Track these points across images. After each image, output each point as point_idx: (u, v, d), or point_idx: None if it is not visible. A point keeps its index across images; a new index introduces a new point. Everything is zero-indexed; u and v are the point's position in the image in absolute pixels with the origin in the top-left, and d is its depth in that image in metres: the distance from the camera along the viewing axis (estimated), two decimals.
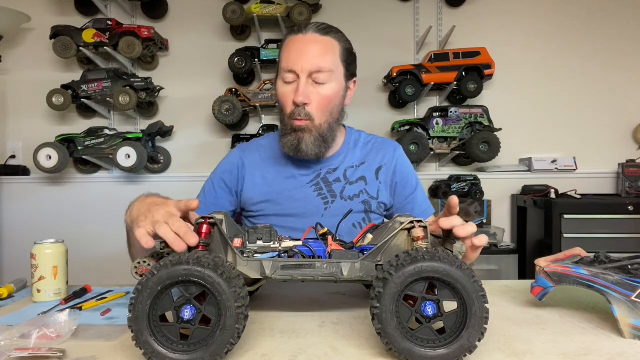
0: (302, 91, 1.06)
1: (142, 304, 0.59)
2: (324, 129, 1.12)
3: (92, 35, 2.57)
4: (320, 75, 1.07)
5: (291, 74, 1.08)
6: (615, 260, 0.81)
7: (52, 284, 0.95)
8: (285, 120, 1.12)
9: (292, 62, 1.08)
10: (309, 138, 1.10)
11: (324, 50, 1.09)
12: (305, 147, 1.10)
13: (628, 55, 2.87)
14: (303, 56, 1.07)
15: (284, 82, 1.10)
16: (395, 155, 1.25)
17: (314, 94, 1.08)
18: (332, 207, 1.18)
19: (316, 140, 1.11)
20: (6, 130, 2.87)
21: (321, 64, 1.07)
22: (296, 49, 1.09)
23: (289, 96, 1.09)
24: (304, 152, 1.11)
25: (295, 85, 1.08)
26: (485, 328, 0.59)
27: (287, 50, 1.11)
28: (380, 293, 0.60)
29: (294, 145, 1.11)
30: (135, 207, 0.88)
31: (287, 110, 1.11)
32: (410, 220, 0.71)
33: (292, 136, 1.11)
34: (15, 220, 2.85)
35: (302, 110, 1.08)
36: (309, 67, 1.06)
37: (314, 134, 1.11)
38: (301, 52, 1.08)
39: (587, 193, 2.70)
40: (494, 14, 2.90)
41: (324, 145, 1.13)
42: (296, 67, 1.07)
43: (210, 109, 2.64)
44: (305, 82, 1.07)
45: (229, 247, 0.71)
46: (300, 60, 1.07)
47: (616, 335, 0.72)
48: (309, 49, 1.08)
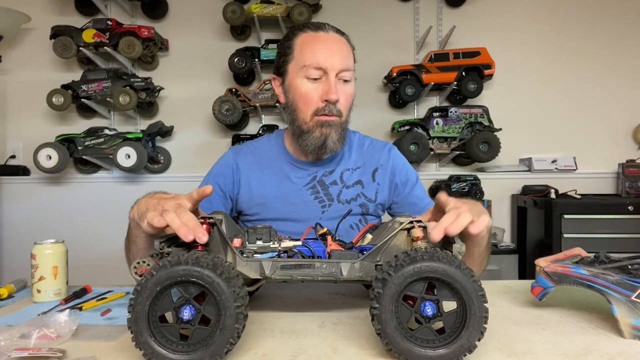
0: (335, 88, 1.06)
1: (141, 304, 0.59)
2: (345, 126, 1.14)
3: (92, 35, 2.57)
4: (347, 73, 1.09)
5: (319, 71, 1.07)
6: (615, 260, 0.81)
7: (52, 284, 0.95)
8: (307, 118, 1.10)
9: (322, 58, 1.07)
10: (335, 134, 1.10)
11: (348, 50, 1.12)
12: (331, 142, 1.10)
13: (628, 55, 2.87)
14: (334, 54, 1.07)
15: (309, 79, 1.08)
16: (391, 156, 1.24)
17: (341, 92, 1.09)
18: (329, 211, 1.17)
19: (340, 136, 1.12)
20: (6, 130, 2.87)
21: (348, 62, 1.09)
22: (323, 47, 1.08)
23: (316, 93, 1.08)
24: (329, 148, 1.11)
25: (322, 82, 1.08)
26: (484, 327, 0.59)
27: (311, 46, 1.09)
28: (379, 293, 0.60)
29: (320, 142, 1.10)
30: (143, 202, 0.87)
31: (312, 107, 1.09)
32: (409, 220, 0.71)
33: (318, 132, 1.09)
34: (15, 220, 2.85)
35: (333, 108, 1.08)
36: (340, 65, 1.07)
37: (338, 130, 1.11)
38: (330, 49, 1.08)
39: (587, 193, 2.70)
40: (494, 14, 2.90)
41: (344, 142, 1.15)
42: (327, 64, 1.06)
43: (210, 109, 2.64)
44: (334, 79, 1.07)
45: (229, 247, 0.71)
46: (332, 57, 1.07)
47: (616, 335, 0.72)
48: (337, 48, 1.09)
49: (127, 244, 1.03)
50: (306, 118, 1.10)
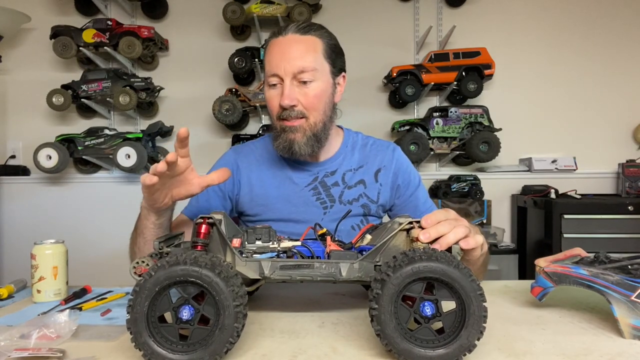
0: (287, 94, 1.05)
1: (140, 305, 0.59)
2: (318, 128, 1.10)
3: (92, 35, 2.57)
4: (304, 75, 1.06)
5: (275, 77, 1.07)
6: (615, 260, 0.81)
7: (52, 284, 0.95)
8: (275, 123, 1.11)
9: (274, 65, 1.06)
10: (301, 138, 1.09)
11: (305, 50, 1.07)
12: (297, 147, 1.09)
13: (628, 55, 2.87)
14: (284, 58, 1.06)
15: (269, 86, 1.09)
16: (395, 156, 1.23)
17: (300, 95, 1.07)
18: (331, 212, 1.17)
19: (309, 139, 1.09)
20: (6, 130, 2.87)
21: (303, 63, 1.05)
22: (277, 52, 1.08)
23: (276, 99, 1.08)
24: (297, 153, 1.10)
25: (280, 88, 1.08)
26: (484, 327, 0.59)
27: (269, 53, 1.09)
28: (378, 294, 0.60)
29: (286, 147, 1.10)
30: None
31: (275, 113, 1.10)
32: (409, 220, 0.71)
33: (283, 137, 1.10)
34: (15, 220, 2.85)
35: (291, 112, 1.07)
36: (291, 68, 1.05)
37: (307, 133, 1.09)
38: (282, 54, 1.06)
39: (587, 193, 2.70)
40: (494, 14, 2.90)
41: (317, 144, 1.11)
42: (279, 70, 1.06)
43: (210, 109, 2.64)
44: (290, 84, 1.05)
45: (228, 247, 0.71)
46: (282, 62, 1.05)
47: (616, 335, 0.72)
48: (289, 50, 1.07)
49: (133, 236, 1.03)
50: (275, 123, 1.12)
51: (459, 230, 0.75)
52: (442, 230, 0.73)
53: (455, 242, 0.73)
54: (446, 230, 0.73)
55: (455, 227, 0.75)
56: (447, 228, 0.74)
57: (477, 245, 0.78)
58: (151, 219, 0.95)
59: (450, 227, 0.74)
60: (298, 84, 1.06)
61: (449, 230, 0.74)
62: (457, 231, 0.74)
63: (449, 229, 0.74)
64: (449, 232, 0.73)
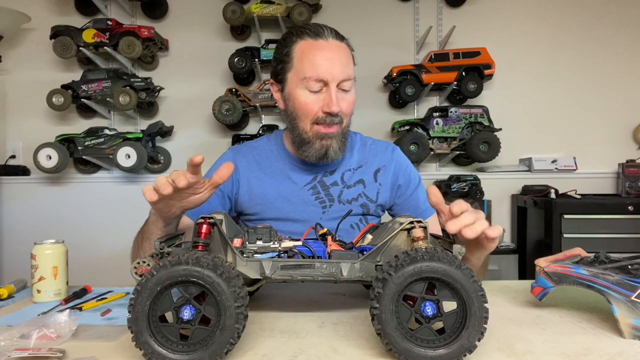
0: (336, 101, 1.05)
1: (141, 304, 0.59)
2: (346, 131, 1.13)
3: (92, 35, 2.57)
4: (347, 83, 1.07)
5: (319, 82, 1.05)
6: (615, 260, 0.81)
7: (52, 285, 0.95)
8: (307, 127, 1.09)
9: (322, 71, 1.04)
10: (336, 144, 1.10)
11: (348, 58, 1.09)
12: (333, 153, 1.10)
13: (628, 55, 2.87)
14: (334, 65, 1.05)
15: (310, 91, 1.06)
16: (394, 157, 1.24)
17: (342, 102, 1.07)
18: (330, 211, 1.17)
19: (341, 145, 1.12)
20: (6, 130, 2.87)
21: (349, 72, 1.08)
22: (323, 57, 1.05)
23: (316, 104, 1.07)
24: (331, 158, 1.11)
25: (323, 93, 1.06)
26: (484, 327, 0.59)
27: (310, 57, 1.06)
28: (379, 293, 0.60)
29: (321, 153, 1.10)
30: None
31: (312, 118, 1.08)
32: (410, 220, 0.71)
33: (319, 144, 1.09)
34: (15, 220, 2.85)
35: (334, 118, 1.07)
36: (341, 75, 1.05)
37: (340, 138, 1.11)
38: (330, 60, 1.05)
39: (587, 193, 2.70)
40: (494, 14, 2.90)
41: (345, 148, 1.15)
42: (327, 76, 1.04)
43: (210, 109, 2.64)
44: (335, 90, 1.06)
45: (229, 247, 0.71)
46: (332, 69, 1.04)
47: (616, 335, 0.72)
48: (337, 57, 1.06)
49: (139, 239, 1.03)
50: (306, 127, 1.09)
51: (483, 222, 0.79)
52: (467, 221, 0.77)
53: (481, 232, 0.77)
54: (471, 220, 0.77)
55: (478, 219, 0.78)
56: (472, 218, 0.78)
57: (500, 234, 0.80)
58: (159, 225, 0.94)
59: (474, 217, 0.78)
60: (339, 90, 1.07)
61: (474, 220, 0.77)
62: (482, 222, 0.78)
63: (474, 219, 0.78)
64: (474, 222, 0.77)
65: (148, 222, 0.98)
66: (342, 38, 1.11)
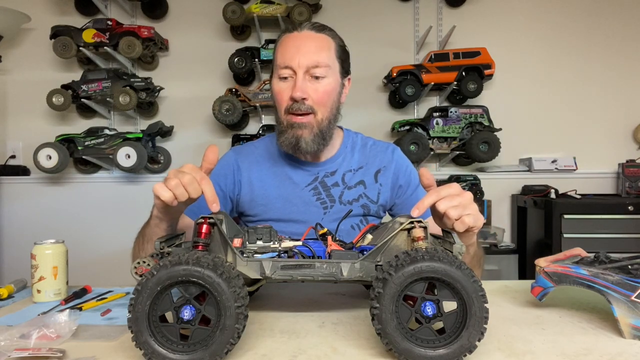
0: (299, 86, 1.05)
1: (141, 304, 0.59)
2: (324, 125, 1.10)
3: (92, 35, 2.57)
4: (317, 69, 1.06)
5: (287, 69, 1.07)
6: (615, 260, 0.81)
7: (52, 284, 0.95)
8: (282, 118, 1.10)
9: (288, 57, 1.07)
10: (308, 135, 1.09)
11: (320, 46, 1.09)
12: (304, 144, 1.09)
13: (628, 55, 2.87)
14: (300, 51, 1.06)
15: (280, 79, 1.09)
16: (394, 157, 1.24)
17: (311, 89, 1.07)
18: (331, 212, 1.17)
19: (316, 136, 1.10)
20: (6, 130, 2.87)
21: (318, 58, 1.07)
22: (292, 45, 1.08)
23: (286, 92, 1.08)
24: (303, 150, 1.10)
25: (291, 81, 1.08)
26: (485, 328, 0.59)
27: (283, 47, 1.10)
28: (379, 293, 0.60)
29: (292, 143, 1.09)
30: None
31: (284, 106, 1.09)
32: (410, 220, 0.71)
33: (290, 133, 1.09)
34: (15, 220, 2.85)
35: (301, 105, 1.06)
36: (306, 62, 1.06)
37: (314, 130, 1.09)
38: (297, 47, 1.07)
39: (587, 193, 2.70)
40: (494, 14, 2.90)
41: (323, 142, 1.12)
42: (293, 62, 1.06)
43: (210, 109, 2.64)
44: (302, 77, 1.06)
45: (229, 247, 0.71)
46: (297, 55, 1.06)
47: (616, 335, 0.72)
48: (305, 44, 1.08)
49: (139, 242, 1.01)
50: (282, 117, 1.11)
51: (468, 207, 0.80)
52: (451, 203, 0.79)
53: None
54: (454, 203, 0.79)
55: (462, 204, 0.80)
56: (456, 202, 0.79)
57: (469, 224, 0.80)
58: (163, 227, 0.93)
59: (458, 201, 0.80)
60: (310, 78, 1.07)
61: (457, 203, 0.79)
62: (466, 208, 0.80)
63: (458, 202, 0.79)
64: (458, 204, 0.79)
65: (150, 224, 0.95)
66: (322, 29, 1.12)
